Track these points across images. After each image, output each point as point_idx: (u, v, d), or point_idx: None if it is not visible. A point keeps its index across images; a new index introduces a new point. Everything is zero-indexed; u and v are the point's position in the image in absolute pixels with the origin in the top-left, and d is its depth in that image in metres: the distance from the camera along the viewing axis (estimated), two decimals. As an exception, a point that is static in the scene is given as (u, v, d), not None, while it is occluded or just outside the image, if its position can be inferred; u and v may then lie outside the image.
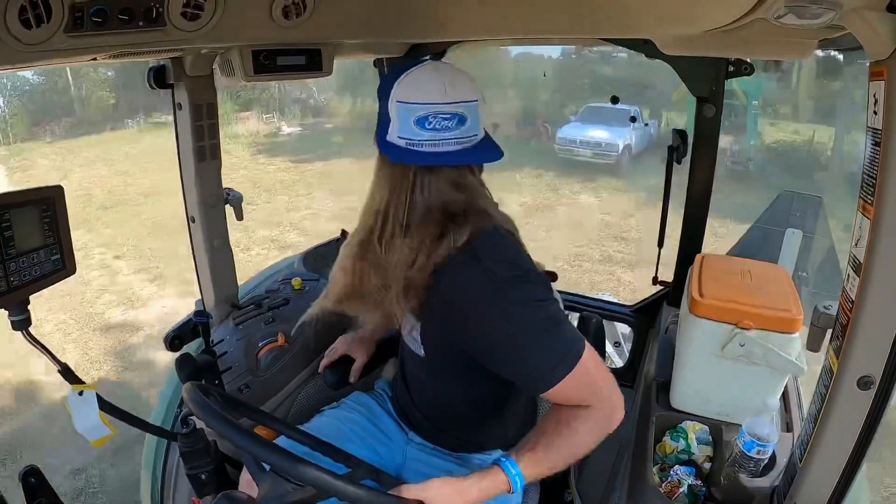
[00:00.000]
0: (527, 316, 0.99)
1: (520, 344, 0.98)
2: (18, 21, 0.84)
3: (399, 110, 1.01)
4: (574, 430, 0.99)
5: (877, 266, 0.81)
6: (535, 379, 0.99)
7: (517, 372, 1.02)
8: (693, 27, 1.13)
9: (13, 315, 1.10)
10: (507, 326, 0.98)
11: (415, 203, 1.04)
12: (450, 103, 0.99)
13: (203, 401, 0.94)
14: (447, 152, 1.01)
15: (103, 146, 13.29)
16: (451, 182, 1.04)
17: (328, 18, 1.24)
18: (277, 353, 1.65)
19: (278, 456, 0.87)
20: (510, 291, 0.99)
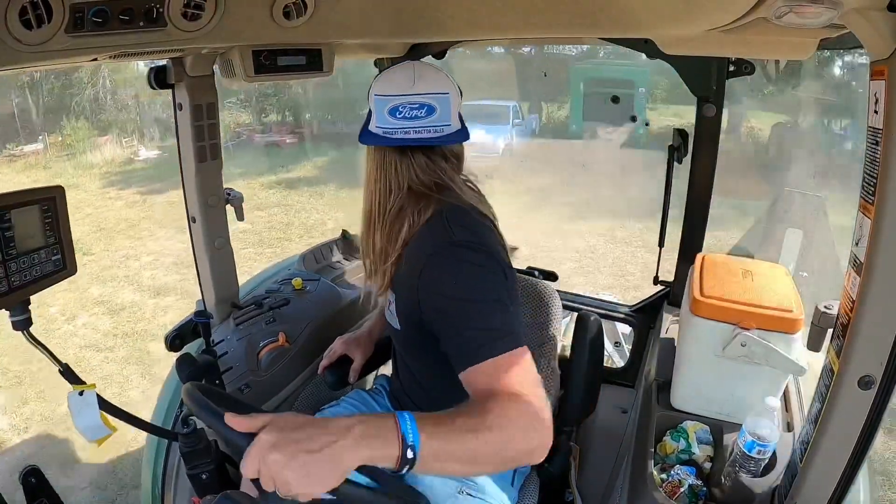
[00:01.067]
0: (476, 282, 1.01)
1: (464, 308, 0.98)
2: (19, 21, 0.84)
3: (376, 102, 1.15)
4: (501, 415, 0.82)
5: (878, 265, 0.81)
6: (471, 348, 0.93)
7: (455, 338, 0.97)
8: (694, 27, 1.13)
9: (14, 315, 1.10)
10: (455, 287, 1.01)
11: (391, 184, 1.17)
12: (417, 94, 1.12)
13: (203, 401, 0.94)
14: (417, 138, 1.14)
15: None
16: (422, 165, 1.17)
17: (329, 18, 1.24)
18: (278, 353, 1.65)
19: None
20: (464, 253, 1.05)
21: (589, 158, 9.79)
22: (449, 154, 1.21)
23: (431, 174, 1.17)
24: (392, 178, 1.17)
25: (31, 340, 1.13)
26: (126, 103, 13.66)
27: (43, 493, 1.15)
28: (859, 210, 0.85)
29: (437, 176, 1.17)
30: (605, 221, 7.55)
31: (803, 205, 2.46)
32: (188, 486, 1.42)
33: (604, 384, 1.68)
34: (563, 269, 1.78)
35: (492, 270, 1.04)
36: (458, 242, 1.06)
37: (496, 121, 11.25)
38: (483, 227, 1.15)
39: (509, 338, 0.94)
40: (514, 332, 0.96)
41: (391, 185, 1.17)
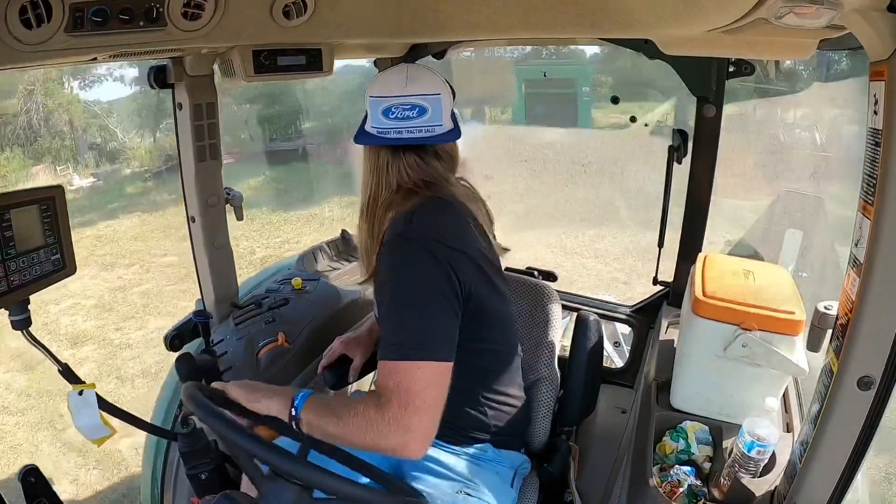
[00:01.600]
0: (404, 281, 1.07)
1: (386, 304, 1.08)
2: (19, 21, 0.84)
3: (371, 103, 1.18)
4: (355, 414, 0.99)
5: (877, 266, 0.81)
6: (381, 345, 1.05)
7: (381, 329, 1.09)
8: (694, 27, 1.13)
9: (13, 315, 1.10)
10: (384, 282, 1.09)
11: (383, 182, 1.22)
12: (409, 95, 1.15)
13: (202, 401, 0.94)
14: (410, 137, 1.18)
15: None
16: (412, 164, 1.20)
17: (329, 18, 1.24)
18: (277, 352, 1.65)
19: (277, 456, 0.87)
20: (404, 247, 1.10)
21: (538, 162, 9.35)
22: (441, 153, 1.25)
23: (421, 172, 1.21)
24: (383, 175, 1.21)
25: (30, 340, 1.13)
26: (60, 129, 12.74)
27: (42, 493, 1.15)
28: (859, 210, 0.85)
29: (426, 174, 1.21)
30: (554, 230, 7.32)
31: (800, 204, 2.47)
32: (187, 486, 1.42)
33: (603, 384, 1.68)
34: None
35: (426, 268, 1.07)
36: (403, 235, 1.11)
37: None
38: (453, 221, 1.19)
39: (408, 348, 1.01)
40: (417, 342, 1.02)
41: (382, 183, 1.22)
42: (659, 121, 7.97)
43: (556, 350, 1.53)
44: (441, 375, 1.02)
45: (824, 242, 2.58)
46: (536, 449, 1.48)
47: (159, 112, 12.56)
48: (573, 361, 1.50)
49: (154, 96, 12.51)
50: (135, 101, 13.04)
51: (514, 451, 1.35)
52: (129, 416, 1.31)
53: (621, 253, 6.38)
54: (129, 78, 12.87)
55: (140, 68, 12.80)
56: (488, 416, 1.29)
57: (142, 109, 12.93)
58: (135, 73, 12.64)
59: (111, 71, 12.56)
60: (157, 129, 12.99)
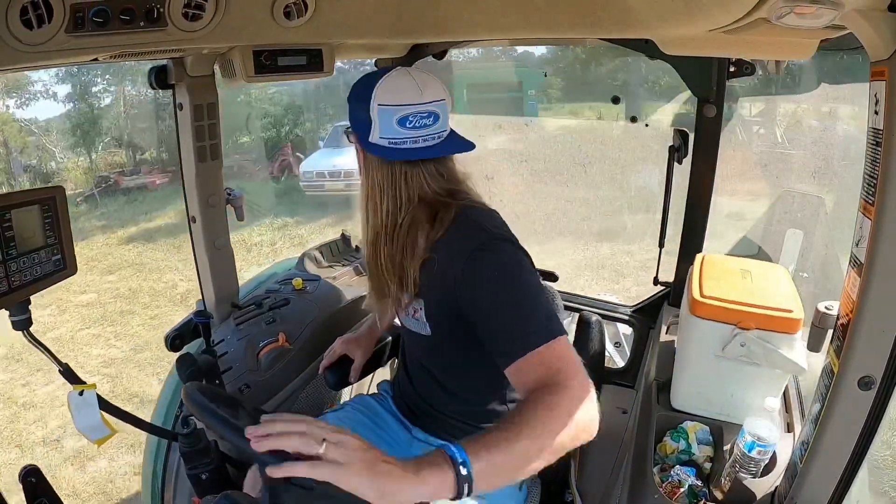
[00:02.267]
0: (520, 276, 1.04)
1: (500, 304, 1.01)
2: (20, 21, 0.84)
3: (380, 113, 1.10)
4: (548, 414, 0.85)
5: (878, 266, 0.81)
6: (511, 340, 0.98)
7: (493, 334, 1.01)
8: (694, 27, 1.13)
9: (14, 315, 1.10)
10: (502, 281, 1.03)
11: (402, 197, 1.14)
12: (426, 103, 1.10)
13: (202, 401, 0.94)
14: (426, 147, 1.13)
15: None
16: (433, 171, 1.15)
17: (330, 19, 1.24)
18: (278, 353, 1.65)
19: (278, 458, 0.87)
20: (506, 248, 1.07)
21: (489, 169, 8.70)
22: (454, 158, 1.21)
23: (443, 181, 1.16)
24: (402, 190, 1.14)
25: (30, 340, 1.13)
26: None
27: (43, 493, 1.15)
28: (860, 211, 0.85)
29: (448, 182, 1.16)
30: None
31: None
32: (188, 486, 1.42)
33: (604, 384, 1.68)
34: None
35: (527, 264, 1.08)
36: (498, 237, 1.08)
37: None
38: (501, 221, 1.17)
39: (546, 329, 0.96)
40: (550, 319, 0.98)
41: (402, 198, 1.14)
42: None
43: None
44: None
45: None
46: None
47: (94, 129, 12.13)
48: None
49: (89, 113, 12.15)
50: (69, 119, 12.41)
51: None
52: (129, 417, 1.31)
53: (573, 271, 6.19)
54: (62, 95, 12.38)
55: (72, 84, 12.21)
56: (504, 410, 1.29)
57: (76, 128, 12.26)
58: (67, 89, 12.23)
59: (47, 87, 12.11)
60: (92, 149, 12.41)
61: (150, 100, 12.55)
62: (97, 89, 12.73)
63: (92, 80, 12.42)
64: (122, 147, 12.85)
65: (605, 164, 7.46)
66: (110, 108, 12.91)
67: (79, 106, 12.51)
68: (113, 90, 12.75)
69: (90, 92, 12.62)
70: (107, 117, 12.64)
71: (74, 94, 12.50)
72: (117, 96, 12.81)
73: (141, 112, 12.92)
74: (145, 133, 12.95)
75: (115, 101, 12.89)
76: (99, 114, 12.62)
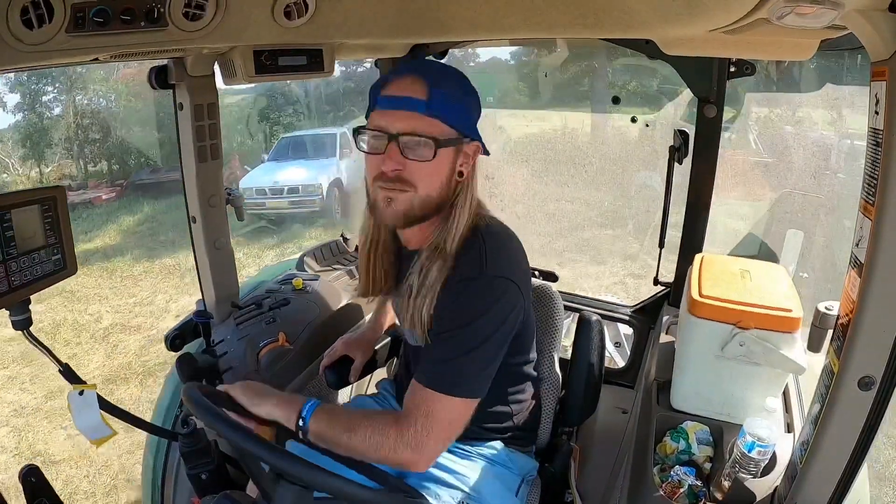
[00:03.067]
0: (475, 325, 1.05)
1: (451, 334, 1.05)
2: (20, 21, 0.84)
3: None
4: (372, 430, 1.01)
5: (878, 266, 0.81)
6: (427, 370, 1.05)
7: (430, 355, 1.07)
8: (695, 27, 1.13)
9: (14, 315, 1.10)
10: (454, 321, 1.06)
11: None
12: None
13: (202, 401, 0.94)
14: None
15: None
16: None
17: (330, 19, 1.24)
18: (278, 353, 1.65)
19: (277, 456, 0.87)
20: (477, 287, 1.06)
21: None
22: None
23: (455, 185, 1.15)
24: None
25: (30, 340, 1.13)
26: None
27: (43, 493, 1.15)
28: (860, 211, 0.85)
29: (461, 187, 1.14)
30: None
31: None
32: (188, 486, 1.42)
33: (604, 384, 1.68)
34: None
35: (501, 314, 1.06)
36: (486, 274, 1.06)
37: (319, 154, 9.38)
38: (517, 250, 1.16)
39: (451, 384, 1.02)
40: (461, 381, 1.03)
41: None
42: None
43: (558, 351, 1.53)
44: (469, 410, 1.05)
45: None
46: (538, 449, 1.48)
47: (44, 140, 11.63)
48: (575, 362, 1.50)
49: (38, 123, 11.69)
50: (18, 131, 11.91)
51: (525, 453, 1.35)
52: (130, 417, 1.31)
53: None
54: (11, 105, 11.82)
55: (21, 93, 11.57)
56: (507, 411, 1.30)
57: (26, 139, 11.78)
58: (17, 98, 11.73)
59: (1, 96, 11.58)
60: (42, 161, 11.81)
61: (103, 108, 12.14)
62: (48, 98, 12.06)
63: (42, 88, 11.82)
64: (72, 159, 12.29)
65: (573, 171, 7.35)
66: (62, 117, 12.21)
67: (28, 115, 12.00)
68: (63, 99, 12.05)
69: (40, 101, 11.97)
70: (57, 128, 12.07)
71: (24, 104, 11.92)
72: (67, 105, 12.09)
73: (94, 122, 12.20)
74: (97, 144, 12.30)
75: (65, 111, 12.14)
76: (49, 124, 12.04)
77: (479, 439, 1.29)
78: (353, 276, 2.17)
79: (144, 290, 7.15)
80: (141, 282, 7.42)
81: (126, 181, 11.35)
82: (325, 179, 8.90)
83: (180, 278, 7.38)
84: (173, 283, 7.26)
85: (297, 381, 1.70)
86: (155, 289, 7.16)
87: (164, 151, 11.46)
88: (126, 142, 12.17)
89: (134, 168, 11.93)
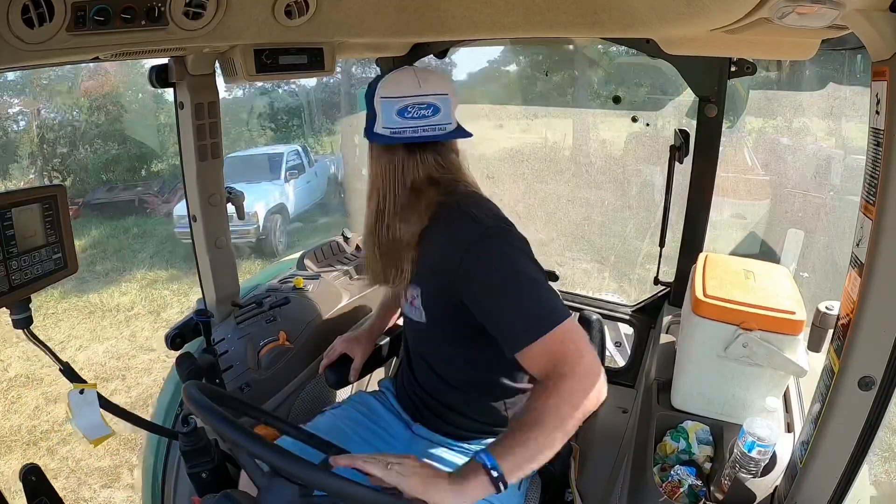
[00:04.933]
0: (519, 266, 1.07)
1: (500, 295, 1.06)
2: (21, 20, 0.84)
3: (382, 105, 1.17)
4: (554, 403, 0.95)
5: (879, 266, 0.81)
6: (514, 334, 1.03)
7: (497, 325, 1.07)
8: (696, 27, 1.13)
9: (15, 314, 1.10)
10: (490, 275, 1.07)
11: (398, 181, 1.20)
12: (424, 95, 1.16)
13: (202, 400, 0.94)
14: (429, 135, 1.18)
15: None
16: (429, 162, 1.20)
17: (330, 18, 1.24)
18: (279, 352, 1.65)
19: (278, 456, 0.87)
20: (503, 239, 1.10)
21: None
22: (456, 150, 1.26)
23: (440, 169, 1.21)
24: (399, 175, 1.20)
25: (31, 339, 1.13)
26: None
27: (43, 492, 1.15)
28: (860, 211, 0.85)
29: (444, 170, 1.22)
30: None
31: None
32: (188, 485, 1.42)
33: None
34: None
35: (526, 252, 1.11)
36: (493, 228, 1.11)
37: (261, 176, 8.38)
38: (499, 210, 1.20)
39: (548, 318, 1.00)
40: (551, 309, 1.02)
41: (398, 182, 1.21)
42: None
43: None
44: (578, 329, 1.04)
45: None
46: None
47: (6, 153, 11.01)
48: None
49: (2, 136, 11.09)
50: None
51: None
52: (130, 416, 1.31)
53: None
54: None
55: None
56: (508, 407, 1.30)
57: None
58: None
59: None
60: (7, 176, 10.98)
61: (66, 120, 11.55)
62: (14, 111, 11.42)
63: (6, 100, 11.22)
64: (35, 174, 11.42)
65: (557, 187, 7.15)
66: (26, 131, 11.61)
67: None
68: (27, 112, 11.44)
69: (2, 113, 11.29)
70: (21, 142, 11.45)
71: None
72: (30, 119, 11.46)
73: (60, 136, 11.59)
74: (60, 160, 11.61)
75: (28, 124, 11.55)
76: (14, 137, 11.53)
77: (476, 437, 1.30)
78: (353, 275, 2.17)
79: (62, 331, 6.27)
80: (62, 321, 6.57)
81: (82, 200, 10.69)
82: (263, 206, 8.09)
83: (100, 319, 6.58)
84: (90, 326, 6.43)
85: (297, 380, 1.70)
86: (71, 332, 6.26)
87: (120, 168, 10.99)
88: (83, 159, 11.62)
89: (93, 186, 11.29)
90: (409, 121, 1.17)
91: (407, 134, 1.17)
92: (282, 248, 8.16)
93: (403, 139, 1.18)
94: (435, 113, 1.17)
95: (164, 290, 7.41)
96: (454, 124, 1.22)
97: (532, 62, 8.40)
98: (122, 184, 10.85)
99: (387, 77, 1.20)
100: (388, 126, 1.18)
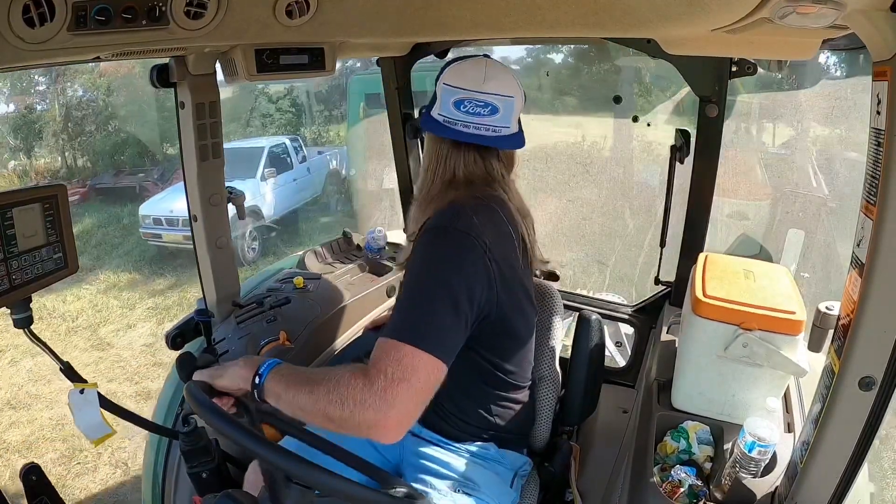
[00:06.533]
0: (418, 264, 1.06)
1: (404, 291, 1.05)
2: (22, 20, 0.84)
3: (443, 91, 1.18)
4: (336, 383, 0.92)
5: (879, 266, 0.81)
6: (391, 325, 0.99)
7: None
8: (697, 27, 1.13)
9: (15, 313, 1.10)
10: (411, 269, 1.07)
11: (438, 172, 1.22)
12: (485, 93, 1.15)
13: (204, 400, 0.94)
14: (476, 134, 1.16)
15: None
16: (470, 161, 1.20)
17: (331, 18, 1.23)
18: (279, 351, 1.65)
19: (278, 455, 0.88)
20: (429, 234, 1.09)
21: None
22: (502, 155, 1.24)
23: (479, 170, 1.21)
24: (441, 164, 1.21)
25: (31, 338, 1.13)
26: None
27: (43, 492, 1.15)
28: (861, 211, 0.85)
29: (484, 173, 1.21)
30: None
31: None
32: (189, 485, 1.43)
33: (605, 384, 1.68)
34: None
35: (450, 260, 1.05)
36: (445, 227, 1.08)
37: (235, 173, 7.22)
38: (497, 229, 1.14)
39: (417, 335, 0.95)
40: (425, 333, 0.96)
41: (439, 171, 1.22)
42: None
43: (558, 350, 1.53)
44: (437, 372, 0.96)
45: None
46: (538, 449, 1.48)
47: (32, 132, 11.19)
48: (575, 361, 1.50)
49: (28, 114, 11.24)
50: (7, 121, 11.44)
51: (516, 451, 1.35)
52: (130, 415, 1.32)
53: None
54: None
55: (10, 82, 11.06)
56: (494, 414, 1.29)
57: (16, 131, 11.33)
58: (6, 87, 11.32)
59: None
60: (32, 153, 11.34)
61: (85, 102, 11.60)
62: (42, 88, 11.58)
63: (36, 78, 11.31)
64: (58, 153, 11.66)
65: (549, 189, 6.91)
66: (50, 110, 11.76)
67: (18, 107, 11.58)
68: (51, 90, 11.60)
69: (30, 91, 11.53)
70: (46, 119, 11.58)
71: (14, 93, 11.50)
72: (52, 97, 11.59)
73: (88, 114, 11.66)
74: (78, 139, 11.63)
75: (51, 103, 11.70)
76: (40, 115, 11.67)
77: (466, 439, 1.30)
78: (364, 269, 2.17)
79: (4, 339, 5.31)
80: (10, 328, 5.14)
81: (89, 183, 10.55)
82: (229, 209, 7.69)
83: (44, 327, 5.87)
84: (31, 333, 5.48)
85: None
86: (13, 340, 5.21)
87: (131, 153, 10.83)
88: (95, 140, 11.55)
89: (101, 169, 11.18)
90: (462, 114, 1.15)
91: (457, 128, 1.16)
92: (252, 257, 7.47)
93: (450, 132, 1.16)
94: (493, 113, 1.15)
95: (115, 299, 6.69)
96: (513, 129, 1.19)
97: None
98: (129, 168, 10.75)
99: (456, 64, 1.19)
100: (443, 113, 1.17)
